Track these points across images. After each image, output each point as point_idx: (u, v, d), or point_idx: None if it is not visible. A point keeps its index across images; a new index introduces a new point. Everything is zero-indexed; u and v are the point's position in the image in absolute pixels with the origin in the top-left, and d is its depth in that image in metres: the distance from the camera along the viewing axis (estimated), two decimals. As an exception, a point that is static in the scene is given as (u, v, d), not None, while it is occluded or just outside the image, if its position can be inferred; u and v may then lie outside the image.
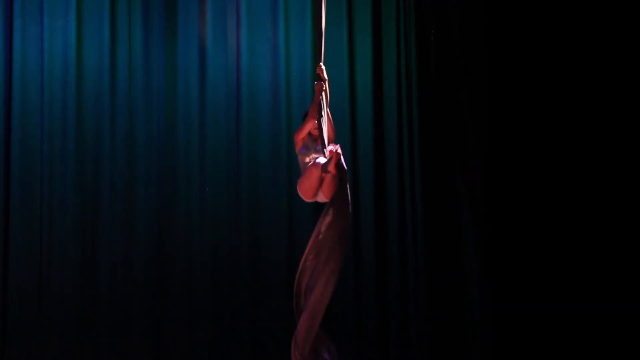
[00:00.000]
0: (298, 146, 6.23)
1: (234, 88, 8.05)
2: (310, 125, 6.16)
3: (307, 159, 6.13)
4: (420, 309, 7.91)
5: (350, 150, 8.00)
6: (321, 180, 5.96)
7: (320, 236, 5.80)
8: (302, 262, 5.85)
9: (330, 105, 7.67)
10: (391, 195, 8.06)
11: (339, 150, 5.78)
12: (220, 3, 8.08)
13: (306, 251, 5.84)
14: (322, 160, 5.97)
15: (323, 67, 6.20)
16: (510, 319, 7.79)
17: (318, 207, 7.89)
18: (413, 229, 8.01)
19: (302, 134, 6.23)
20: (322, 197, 6.09)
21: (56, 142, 7.84)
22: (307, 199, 6.16)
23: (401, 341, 7.91)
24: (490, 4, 7.98)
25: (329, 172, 5.81)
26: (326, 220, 5.79)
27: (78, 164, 7.86)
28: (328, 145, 5.96)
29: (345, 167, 5.83)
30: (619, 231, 7.80)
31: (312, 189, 6.06)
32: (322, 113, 6.08)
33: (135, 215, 7.88)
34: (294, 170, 7.97)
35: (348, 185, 5.85)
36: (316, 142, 6.16)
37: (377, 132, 8.10)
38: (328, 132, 6.10)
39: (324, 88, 6.14)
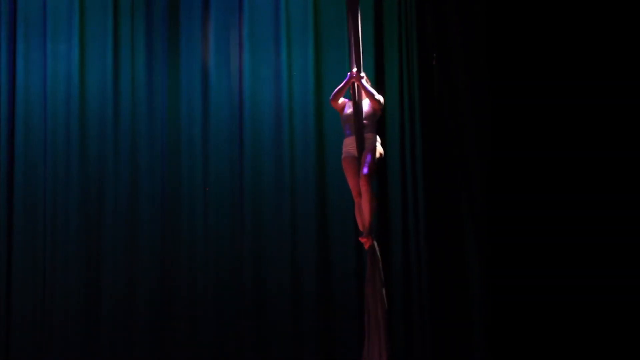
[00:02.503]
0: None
1: (236, 112, 8.06)
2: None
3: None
4: (423, 310, 7.87)
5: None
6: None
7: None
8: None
9: (332, 129, 7.78)
10: (395, 219, 8.07)
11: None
12: (223, 28, 8.11)
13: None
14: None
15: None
16: (510, 318, 7.80)
17: (322, 231, 7.96)
18: (416, 240, 7.99)
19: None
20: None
21: (60, 165, 7.86)
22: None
23: (404, 341, 7.87)
24: (492, 28, 8.01)
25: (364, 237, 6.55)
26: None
27: (81, 188, 7.88)
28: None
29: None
30: (619, 228, 7.84)
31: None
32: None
33: (138, 239, 7.89)
34: (296, 193, 7.98)
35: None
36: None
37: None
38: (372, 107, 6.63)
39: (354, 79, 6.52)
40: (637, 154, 7.92)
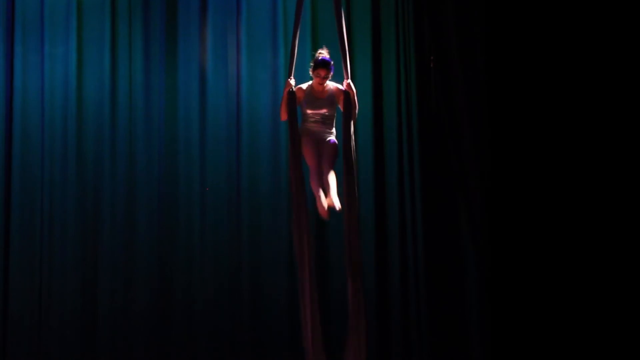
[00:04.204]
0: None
1: (234, 115, 8.07)
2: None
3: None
4: (420, 312, 7.88)
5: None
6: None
7: None
8: None
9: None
10: (392, 222, 8.04)
11: None
12: (220, 31, 8.13)
13: None
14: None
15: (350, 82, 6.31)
16: (509, 321, 7.81)
17: (319, 234, 7.92)
18: (414, 243, 7.98)
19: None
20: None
21: (57, 168, 7.87)
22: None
23: (403, 344, 7.86)
24: (490, 30, 8.02)
25: None
26: None
27: (79, 191, 7.89)
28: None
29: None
30: (614, 232, 7.83)
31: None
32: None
33: (135, 241, 7.90)
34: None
35: None
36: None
37: (378, 159, 8.10)
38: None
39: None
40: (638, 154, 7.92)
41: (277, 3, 8.13)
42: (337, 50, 6.51)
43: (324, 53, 6.40)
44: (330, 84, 6.40)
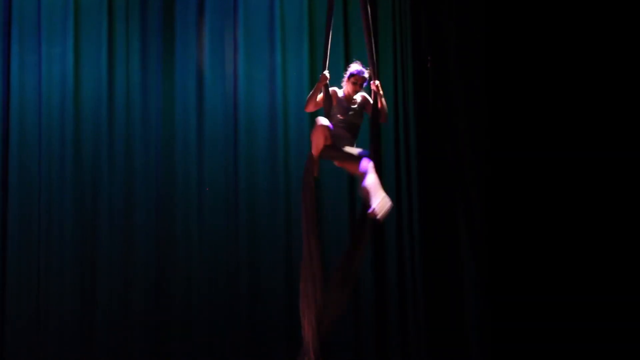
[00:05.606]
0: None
1: (231, 115, 8.07)
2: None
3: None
4: (419, 313, 7.87)
5: (348, 179, 7.96)
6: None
7: None
8: None
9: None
10: (390, 223, 8.01)
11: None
12: (217, 31, 8.13)
13: None
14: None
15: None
16: (509, 322, 7.76)
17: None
18: (411, 247, 7.97)
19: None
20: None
21: (54, 168, 7.87)
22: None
23: (401, 346, 7.84)
24: (489, 30, 8.02)
25: None
26: None
27: (76, 191, 7.88)
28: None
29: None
30: (614, 230, 7.82)
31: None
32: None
33: (133, 242, 7.90)
34: (291, 197, 7.97)
35: None
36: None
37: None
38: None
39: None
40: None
41: (274, 3, 8.14)
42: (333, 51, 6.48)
43: (357, 66, 6.41)
44: (359, 94, 6.39)
